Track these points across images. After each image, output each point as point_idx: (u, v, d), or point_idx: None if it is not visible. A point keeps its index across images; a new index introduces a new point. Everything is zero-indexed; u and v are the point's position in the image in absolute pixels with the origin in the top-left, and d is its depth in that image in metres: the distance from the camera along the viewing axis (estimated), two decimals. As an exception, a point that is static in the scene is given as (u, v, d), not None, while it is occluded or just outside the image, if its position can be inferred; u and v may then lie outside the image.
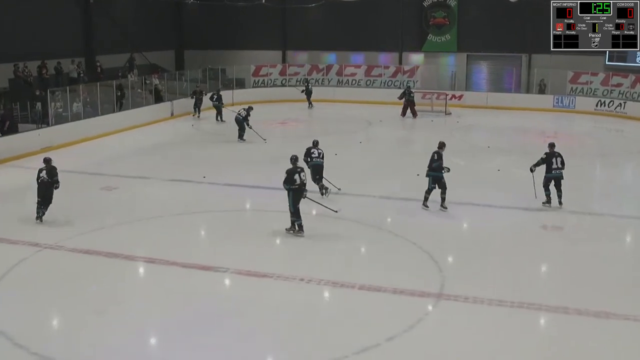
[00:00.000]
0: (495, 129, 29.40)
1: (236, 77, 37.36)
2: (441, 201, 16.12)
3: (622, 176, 21.51)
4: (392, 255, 13.26)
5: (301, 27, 39.81)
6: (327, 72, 38.54)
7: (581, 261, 13.04)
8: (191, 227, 15.12)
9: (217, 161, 21.90)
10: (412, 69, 37.61)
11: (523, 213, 16.37)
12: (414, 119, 31.47)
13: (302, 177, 14.10)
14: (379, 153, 23.46)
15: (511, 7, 35.81)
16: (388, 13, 38.21)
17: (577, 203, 16.79)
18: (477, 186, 18.54)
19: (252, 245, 13.73)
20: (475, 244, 13.99)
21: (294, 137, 26.63)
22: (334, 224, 15.10)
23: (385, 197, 17.51)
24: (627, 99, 32.84)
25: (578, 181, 19.92)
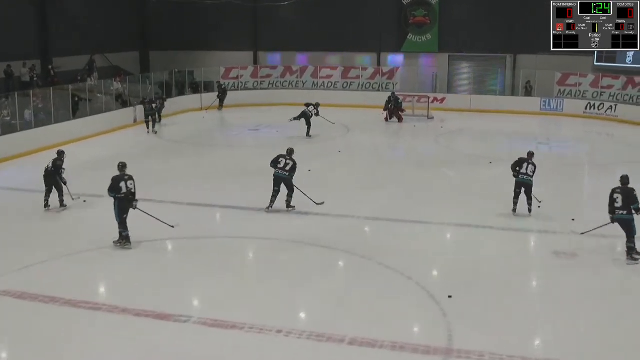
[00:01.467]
0: (482, 135, 27.56)
1: (205, 79, 35.15)
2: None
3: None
4: (387, 295, 11.16)
5: (274, 27, 37.69)
6: (302, 74, 36.48)
7: (606, 300, 11.08)
8: (146, 260, 12.85)
9: (181, 175, 19.64)
10: (391, 70, 35.68)
11: (529, 236, 14.55)
12: (400, 123, 29.52)
13: (129, 185, 13.05)
14: (361, 164, 21.41)
15: (495, 6, 34.33)
16: (366, 12, 36.31)
17: (588, 222, 14.90)
18: (473, 203, 16.65)
19: (219, 284, 11.59)
20: (481, 276, 11.96)
21: (268, 146, 24.33)
22: (316, 255, 13.05)
23: (372, 218, 15.48)
24: (618, 102, 31.33)
25: (583, 196, 18.24)
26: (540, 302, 11.02)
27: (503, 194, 16.39)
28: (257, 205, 16.05)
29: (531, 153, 15.68)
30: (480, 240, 14.10)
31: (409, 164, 21.54)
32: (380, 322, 10.05)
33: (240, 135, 27.00)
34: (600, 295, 11.27)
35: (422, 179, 19.31)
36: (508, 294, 11.22)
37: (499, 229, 14.83)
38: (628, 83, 31.09)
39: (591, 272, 12.40)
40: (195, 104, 33.14)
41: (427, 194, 17.64)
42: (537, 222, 15.19)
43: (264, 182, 18.21)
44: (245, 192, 17.39)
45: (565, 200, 17.45)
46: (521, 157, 15.52)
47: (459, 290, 11.20)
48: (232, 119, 31.00)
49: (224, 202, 16.70)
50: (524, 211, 15.44)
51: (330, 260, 12.83)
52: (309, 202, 16.14)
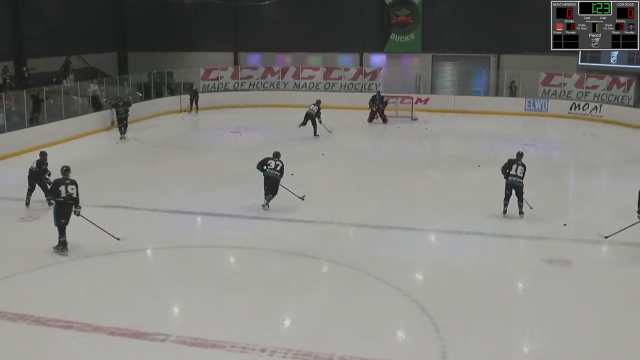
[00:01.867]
0: (466, 136, 27.13)
1: (184, 81, 34.30)
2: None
3: (621, 193, 19.14)
4: (377, 309, 10.56)
5: (254, 27, 37.00)
6: (283, 75, 35.83)
7: (605, 310, 10.59)
8: (121, 272, 12.14)
9: (159, 180, 18.95)
10: (374, 71, 35.15)
11: (520, 243, 14.09)
12: (384, 124, 29.00)
13: (70, 190, 12.47)
14: (346, 167, 20.78)
15: (479, 5, 33.96)
16: (348, 11, 35.84)
17: (581, 227, 14.48)
18: (462, 208, 16.13)
19: (198, 299, 10.95)
20: (473, 287, 11.40)
21: (249, 149, 23.79)
22: (301, 266, 12.47)
23: (358, 225, 14.91)
24: (603, 102, 31.02)
25: (574, 199, 17.80)
26: (538, 314, 10.48)
27: (492, 197, 16.01)
28: (239, 211, 15.50)
29: (520, 153, 15.41)
30: (472, 248, 13.58)
31: (394, 167, 21.00)
32: (370, 338, 9.48)
33: (221, 137, 26.33)
34: (599, 305, 10.77)
35: (408, 182, 18.78)
36: (504, 306, 10.71)
37: (490, 235, 14.35)
38: (613, 83, 30.81)
39: (587, 280, 11.93)
40: (175, 106, 32.42)
41: (415, 199, 17.12)
42: (528, 227, 14.73)
43: (246, 186, 17.74)
44: (226, 198, 16.80)
45: (555, 203, 17.12)
46: (510, 159, 15.24)
47: (452, 303, 10.68)
48: (212, 121, 30.30)
49: (204, 208, 16.07)
50: (514, 213, 15.10)
51: (317, 272, 12.26)
52: (292, 207, 15.63)
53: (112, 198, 16.68)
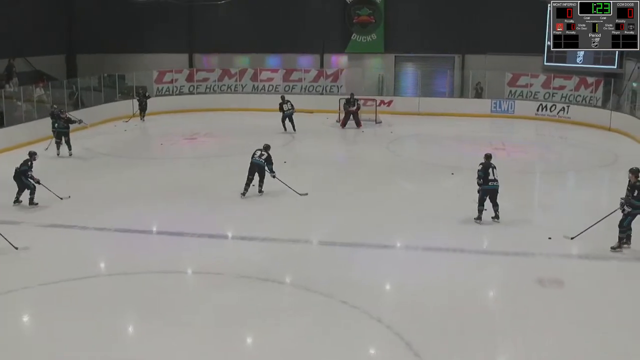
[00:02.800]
0: (434, 140, 26.13)
1: (137, 84, 32.68)
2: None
3: (600, 199, 18.20)
4: (354, 344, 9.31)
5: (210, 27, 35.49)
6: (241, 78, 34.40)
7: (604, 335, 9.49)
8: (63, 308, 10.67)
9: (107, 195, 17.32)
10: (335, 72, 33.96)
11: (506, 260, 12.89)
12: (343, 129, 27.88)
13: None
14: (309, 176, 19.44)
15: (442, 4, 33.16)
16: (307, 11, 34.67)
17: (566, 241, 13.39)
18: (437, 220, 15.03)
19: (150, 335, 9.55)
20: (460, 314, 10.23)
21: (207, 156, 22.45)
22: (267, 294, 11.11)
23: (327, 243, 13.64)
24: (570, 103, 30.33)
25: (553, 207, 16.72)
26: (529, 343, 9.34)
27: (468, 207, 15.02)
28: (198, 229, 14.08)
29: (489, 155, 14.90)
30: (453, 268, 12.38)
31: (361, 175, 19.71)
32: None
33: (176, 145, 24.76)
34: (600, 330, 9.68)
35: (377, 193, 17.54)
36: (489, 332, 9.64)
37: (471, 251, 13.21)
38: (580, 83, 30.14)
39: (583, 304, 10.84)
40: (127, 111, 30.68)
41: (386, 211, 15.90)
42: (511, 242, 13.67)
43: (204, 199, 16.39)
44: (183, 213, 15.39)
45: (534, 212, 16.21)
46: (483, 162, 14.68)
47: (436, 334, 9.49)
48: (166, 126, 28.68)
49: (159, 226, 14.70)
50: (489, 219, 14.50)
51: (285, 301, 10.93)
52: (255, 223, 14.38)
53: (54, 216, 15.17)
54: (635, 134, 25.90)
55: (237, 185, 17.88)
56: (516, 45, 32.02)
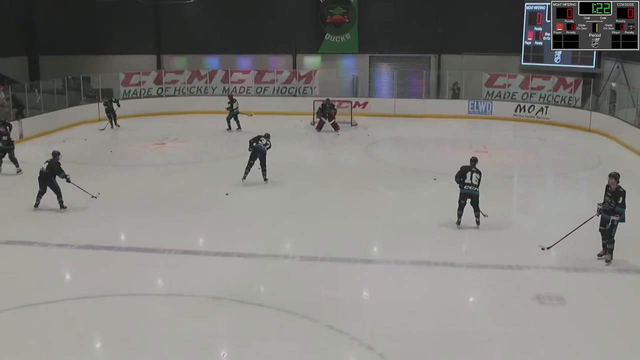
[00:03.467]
0: (413, 143, 25.43)
1: (103, 87, 31.40)
2: None
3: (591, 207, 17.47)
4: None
5: (178, 27, 34.38)
6: (211, 79, 33.28)
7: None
8: (17, 337, 9.57)
9: (70, 207, 16.03)
10: (308, 73, 33.04)
11: (501, 274, 12.04)
12: (319, 132, 27.05)
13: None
14: (287, 185, 18.47)
15: (418, 3, 32.54)
16: (279, 10, 33.72)
17: (567, 254, 12.58)
18: (424, 231, 14.23)
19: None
20: (453, 339, 9.36)
21: (177, 163, 21.33)
22: (246, 319, 10.11)
23: (309, 258, 12.66)
24: (549, 103, 29.83)
25: (542, 215, 15.95)
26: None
27: (452, 215, 14.41)
28: (170, 245, 13.05)
29: (474, 159, 14.43)
30: (446, 284, 11.53)
31: (341, 182, 18.77)
32: None
33: (144, 151, 23.59)
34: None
35: (359, 201, 16.61)
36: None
37: (462, 265, 12.36)
38: (559, 83, 29.67)
39: (583, 322, 10.06)
40: (92, 115, 29.48)
41: (369, 221, 15.00)
42: (501, 254, 12.87)
43: (175, 211, 15.34)
44: (154, 228, 14.32)
45: (522, 220, 15.37)
46: (464, 166, 14.27)
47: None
48: (134, 131, 27.48)
49: (127, 242, 13.62)
50: (469, 223, 13.98)
51: (266, 326, 9.91)
52: (231, 237, 13.42)
53: (12, 231, 14.01)
54: (615, 134, 25.47)
55: (210, 194, 17.01)
56: (493, 45, 31.57)
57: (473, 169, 14.05)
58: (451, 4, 32.23)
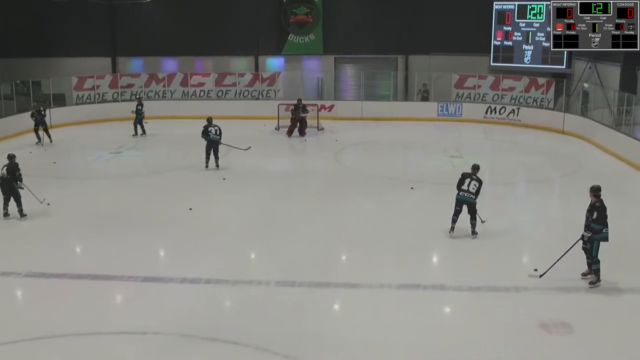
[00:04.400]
0: (385, 148, 24.38)
1: (54, 92, 29.58)
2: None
3: (578, 217, 16.50)
4: None
5: (134, 28, 32.64)
6: (169, 83, 31.58)
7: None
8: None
9: (14, 228, 14.51)
10: (272, 75, 31.59)
11: (498, 297, 10.94)
12: (289, 137, 25.84)
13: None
14: (253, 197, 17.17)
15: (384, 2, 31.47)
16: (240, 10, 32.25)
17: (568, 270, 11.52)
18: (408, 248, 13.13)
19: None
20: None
21: (136, 175, 19.86)
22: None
23: (285, 283, 11.42)
24: (520, 105, 29.01)
25: (532, 226, 14.90)
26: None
27: (436, 228, 13.25)
28: (128, 270, 11.68)
29: (476, 166, 13.79)
30: (437, 311, 10.51)
31: (312, 193, 17.43)
32: None
33: (98, 161, 22.00)
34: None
35: (335, 215, 15.38)
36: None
37: (454, 288, 11.25)
38: (531, 84, 28.86)
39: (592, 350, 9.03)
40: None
41: (348, 238, 13.84)
42: (495, 273, 11.76)
43: (135, 230, 13.97)
44: (110, 250, 12.92)
45: (511, 234, 14.27)
46: (464, 172, 13.74)
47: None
48: (88, 139, 25.82)
49: (78, 268, 12.14)
50: (463, 234, 13.19)
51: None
52: (195, 260, 12.08)
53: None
54: (590, 136, 24.81)
55: (171, 209, 15.64)
56: (461, 45, 30.65)
57: (473, 177, 13.47)
58: (418, 3, 31.19)
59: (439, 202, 15.93)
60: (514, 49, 30.10)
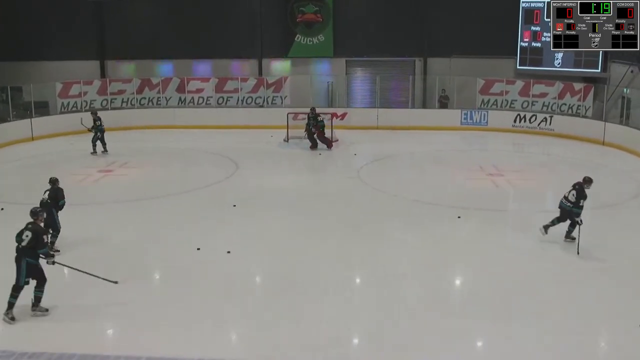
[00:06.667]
0: (411, 164, 22.05)
1: (36, 99, 26.83)
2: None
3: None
4: None
5: (125, 29, 30.46)
6: (164, 89, 28.94)
7: None
8: None
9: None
10: (278, 80, 29.02)
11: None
12: (313, 150, 23.12)
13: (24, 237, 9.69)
14: (271, 229, 14.27)
15: (400, 0, 28.98)
16: (242, 8, 30.29)
17: None
18: (475, 298, 10.39)
19: None
20: None
21: (126, 202, 16.85)
22: None
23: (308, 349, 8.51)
24: (553, 112, 26.46)
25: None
26: None
27: (501, 274, 10.36)
28: (130, 348, 8.83)
29: (587, 179, 13.04)
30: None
31: (342, 227, 14.20)
32: None
33: (86, 182, 18.99)
34: None
35: (369, 255, 12.49)
36: None
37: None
38: (565, 90, 26.29)
39: None
40: (24, 133, 25.00)
41: (389, 288, 10.94)
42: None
43: (131, 284, 11.08)
44: (102, 316, 9.98)
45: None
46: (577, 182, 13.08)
47: None
48: (75, 153, 22.89)
49: (61, 345, 9.18)
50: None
51: None
52: (214, 338, 9.25)
53: None
54: (636, 147, 22.22)
55: (173, 249, 12.73)
56: (484, 47, 28.60)
57: (576, 187, 12.95)
58: (437, 1, 29.27)
59: (496, 235, 13.51)
60: (543, 50, 27.64)
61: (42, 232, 9.83)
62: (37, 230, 9.69)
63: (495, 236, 13.87)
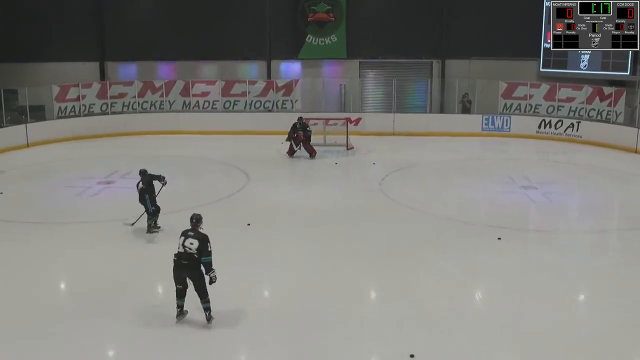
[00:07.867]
0: (437, 176, 20.60)
1: (31, 103, 25.48)
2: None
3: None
4: None
5: (126, 29, 29.49)
6: (167, 92, 27.66)
7: None
8: None
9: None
10: (288, 83, 27.71)
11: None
12: (312, 159, 21.85)
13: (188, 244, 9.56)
14: (289, 256, 12.68)
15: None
16: (250, 7, 29.16)
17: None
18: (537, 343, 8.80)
19: None
20: None
21: (129, 217, 15.30)
22: None
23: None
24: (581, 118, 25.14)
25: None
26: None
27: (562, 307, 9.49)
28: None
29: None
30: None
31: (371, 255, 12.39)
32: None
33: (84, 195, 17.47)
34: None
35: (402, 286, 11.00)
36: None
37: None
38: (594, 94, 24.90)
39: None
40: (19, 140, 23.69)
41: (428, 329, 9.44)
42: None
43: (136, 326, 9.51)
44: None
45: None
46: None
47: None
48: (72, 163, 21.45)
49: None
50: None
51: None
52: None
53: None
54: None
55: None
56: (505, 48, 27.71)
57: None
58: (455, 0, 27.88)
59: (544, 260, 12.00)
60: (568, 52, 26.12)
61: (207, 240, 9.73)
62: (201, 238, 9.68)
63: (541, 260, 12.29)
